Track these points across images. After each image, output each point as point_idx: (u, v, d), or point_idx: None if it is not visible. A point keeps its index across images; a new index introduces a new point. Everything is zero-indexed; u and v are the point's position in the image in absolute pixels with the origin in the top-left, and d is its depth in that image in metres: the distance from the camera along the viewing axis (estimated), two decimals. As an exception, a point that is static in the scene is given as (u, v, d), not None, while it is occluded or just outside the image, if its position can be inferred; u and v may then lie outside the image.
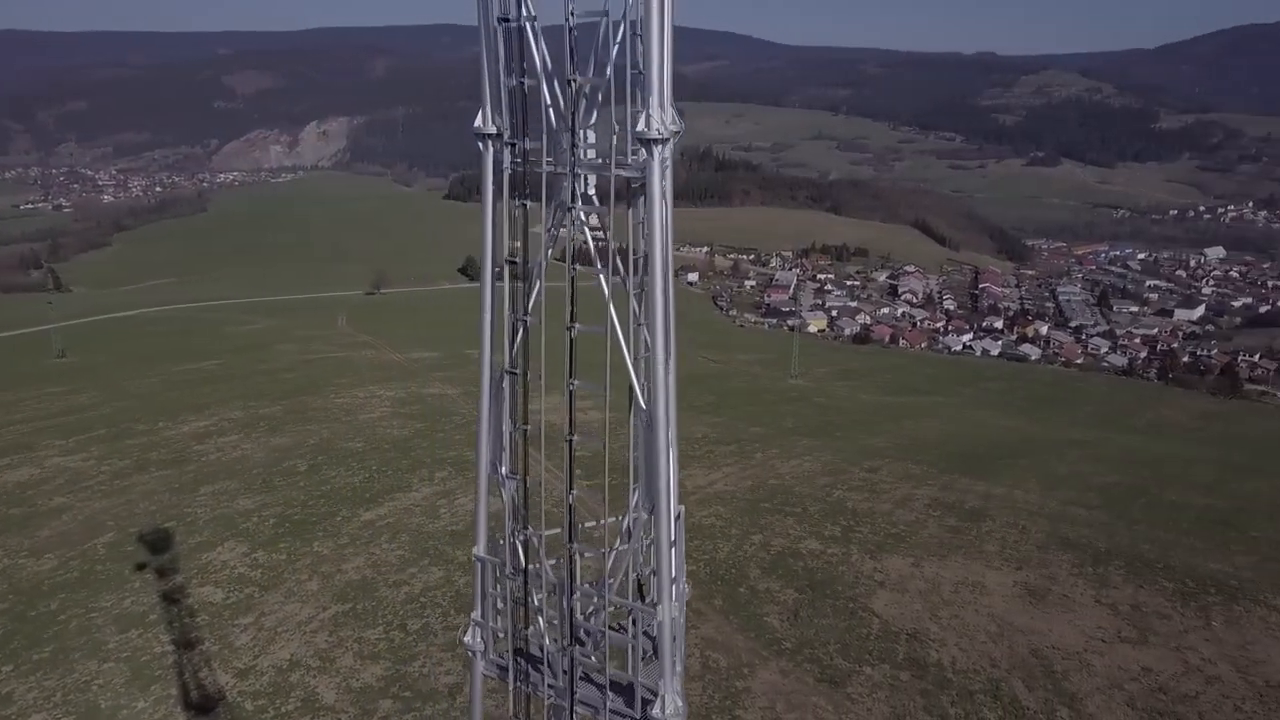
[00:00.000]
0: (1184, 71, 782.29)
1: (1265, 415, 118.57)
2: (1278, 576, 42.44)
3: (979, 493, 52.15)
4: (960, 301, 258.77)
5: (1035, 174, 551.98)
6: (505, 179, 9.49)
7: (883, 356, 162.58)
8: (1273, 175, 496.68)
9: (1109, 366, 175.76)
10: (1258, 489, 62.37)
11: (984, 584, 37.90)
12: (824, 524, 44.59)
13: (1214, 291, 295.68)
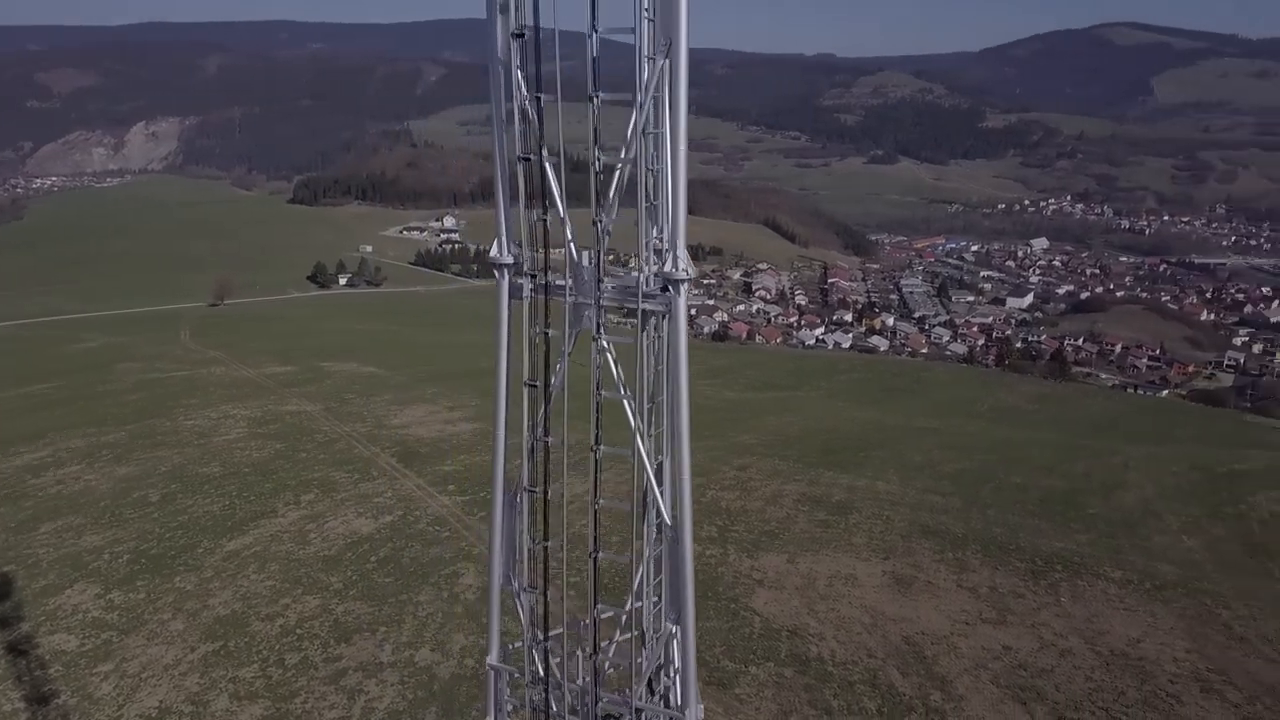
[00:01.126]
0: (1006, 73, 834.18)
1: (1091, 396, 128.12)
2: (1113, 551, 46.07)
3: (844, 485, 54.28)
4: (812, 297, 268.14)
5: (876, 171, 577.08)
6: (525, 306, 9.97)
7: (742, 353, 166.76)
8: (1087, 171, 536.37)
9: (951, 355, 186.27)
10: (1090, 468, 67.32)
11: (855, 576, 39.54)
12: (700, 525, 45.41)
13: (1040, 280, 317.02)
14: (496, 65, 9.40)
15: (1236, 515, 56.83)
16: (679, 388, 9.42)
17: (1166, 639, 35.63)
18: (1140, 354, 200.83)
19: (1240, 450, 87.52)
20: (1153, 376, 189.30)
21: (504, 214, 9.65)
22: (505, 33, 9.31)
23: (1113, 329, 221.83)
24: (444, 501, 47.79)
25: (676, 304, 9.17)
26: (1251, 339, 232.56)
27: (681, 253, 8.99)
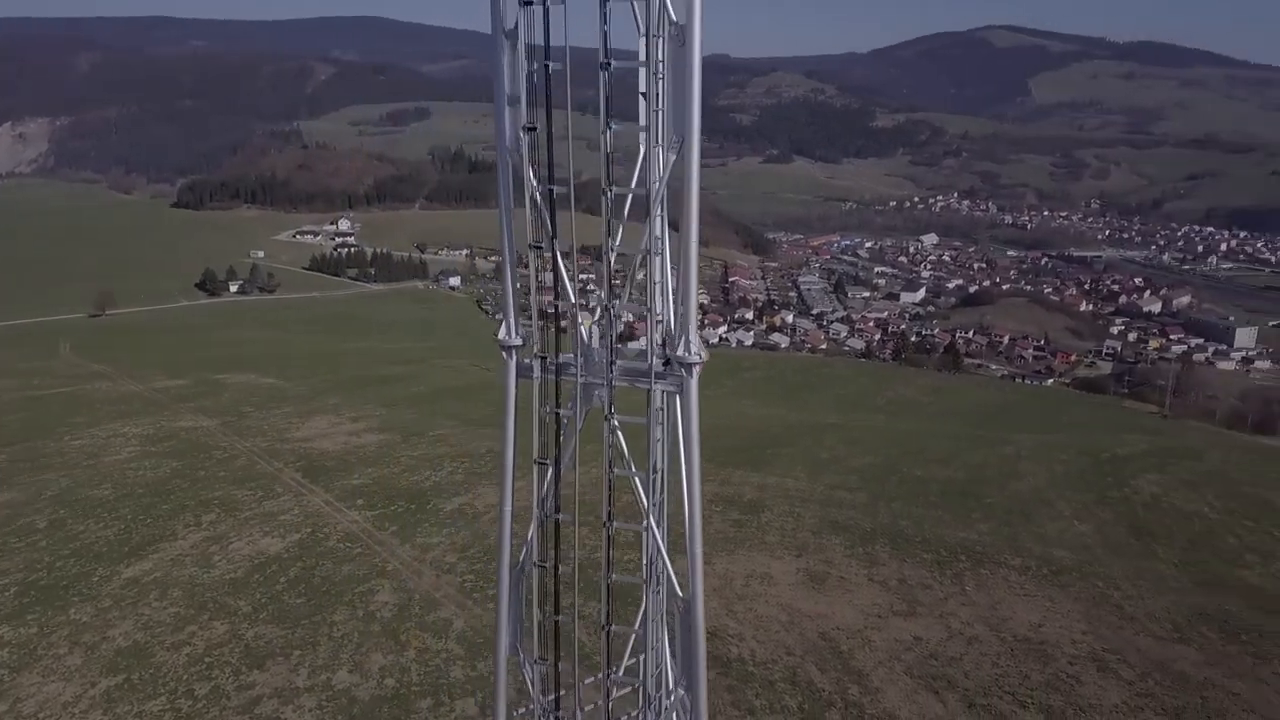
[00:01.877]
0: (893, 74, 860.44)
1: (982, 386, 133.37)
2: (1011, 539, 48.09)
3: (754, 484, 55.22)
4: (714, 295, 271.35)
5: (772, 170, 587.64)
6: (535, 387, 10.15)
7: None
8: (972, 168, 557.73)
9: (850, 350, 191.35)
10: (985, 459, 70.12)
11: (770, 574, 40.28)
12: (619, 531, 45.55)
13: (931, 275, 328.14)
14: (505, 154, 9.51)
15: (1121, 499, 60.01)
16: (691, 465, 9.76)
17: (1065, 622, 37.40)
18: (1026, 345, 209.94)
19: (1120, 435, 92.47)
20: (1038, 366, 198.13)
21: (511, 297, 9.80)
22: (515, 125, 9.45)
23: (1000, 321, 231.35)
24: (353, 517, 46.76)
25: (688, 385, 9.47)
26: (1127, 328, 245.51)
27: (693, 336, 9.29)
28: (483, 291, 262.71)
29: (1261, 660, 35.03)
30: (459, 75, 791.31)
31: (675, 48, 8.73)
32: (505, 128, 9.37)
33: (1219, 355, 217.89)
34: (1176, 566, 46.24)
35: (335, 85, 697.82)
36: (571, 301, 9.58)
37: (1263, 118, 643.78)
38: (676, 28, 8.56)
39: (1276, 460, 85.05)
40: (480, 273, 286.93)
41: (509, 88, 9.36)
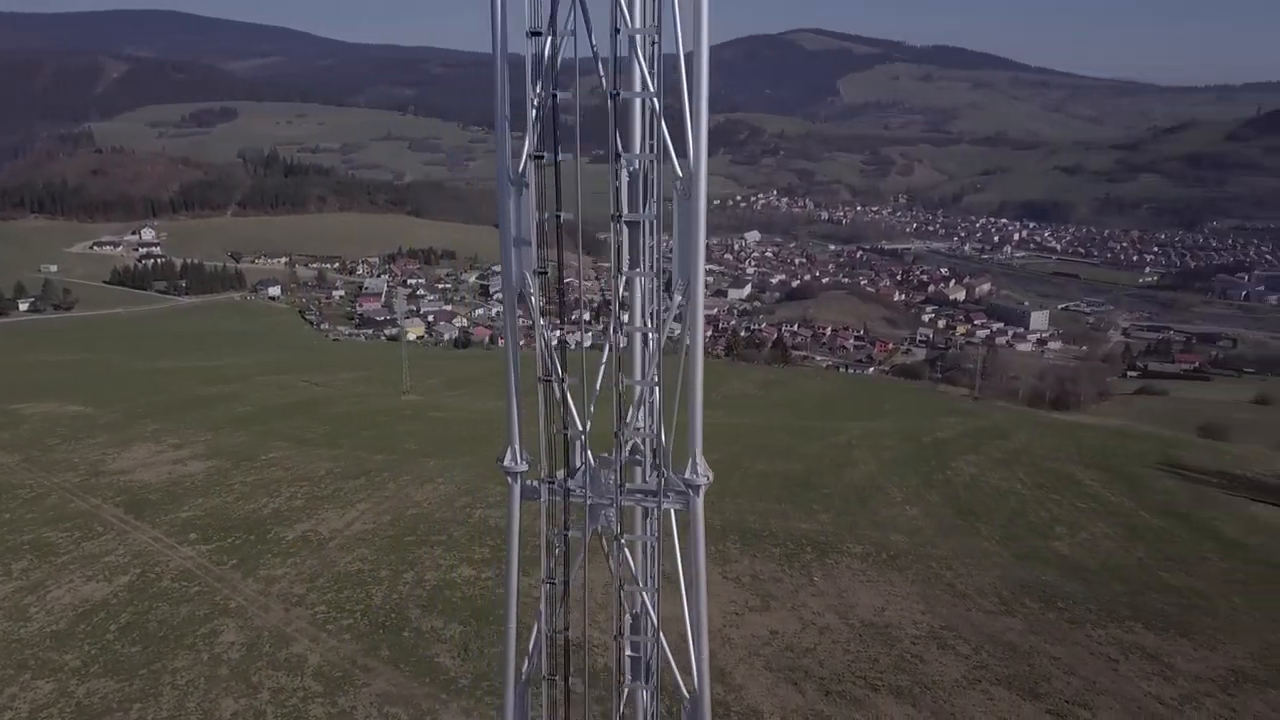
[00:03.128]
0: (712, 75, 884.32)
1: (810, 378, 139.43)
2: (851, 527, 50.72)
3: (606, 490, 55.76)
4: (549, 297, 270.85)
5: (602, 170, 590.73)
6: (543, 510, 10.52)
7: (487, 359, 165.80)
8: (789, 166, 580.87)
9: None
10: (820, 449, 73.59)
11: (629, 581, 40.82)
12: (472, 548, 45.00)
13: (756, 271, 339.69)
14: (511, 289, 9.91)
15: (944, 481, 64.38)
16: (698, 578, 10.42)
17: (905, 604, 39.80)
18: (847, 335, 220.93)
19: (938, 418, 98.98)
20: (859, 355, 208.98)
21: (515, 423, 10.06)
22: (522, 266, 9.87)
23: (822, 314, 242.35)
24: (187, 553, 44.08)
25: (695, 505, 9.99)
26: (936, 315, 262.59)
27: (699, 457, 9.74)
28: (305, 300, 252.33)
29: (1076, 625, 38.46)
30: (267, 73, 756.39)
31: (682, 200, 9.26)
32: (513, 268, 9.69)
33: (1017, 338, 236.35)
34: (998, 542, 50.08)
35: (130, 84, 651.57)
36: (580, 430, 9.70)
37: (1044, 117, 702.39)
38: (683, 182, 9.10)
39: (1072, 435, 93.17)
40: (301, 281, 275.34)
41: (516, 229, 9.64)
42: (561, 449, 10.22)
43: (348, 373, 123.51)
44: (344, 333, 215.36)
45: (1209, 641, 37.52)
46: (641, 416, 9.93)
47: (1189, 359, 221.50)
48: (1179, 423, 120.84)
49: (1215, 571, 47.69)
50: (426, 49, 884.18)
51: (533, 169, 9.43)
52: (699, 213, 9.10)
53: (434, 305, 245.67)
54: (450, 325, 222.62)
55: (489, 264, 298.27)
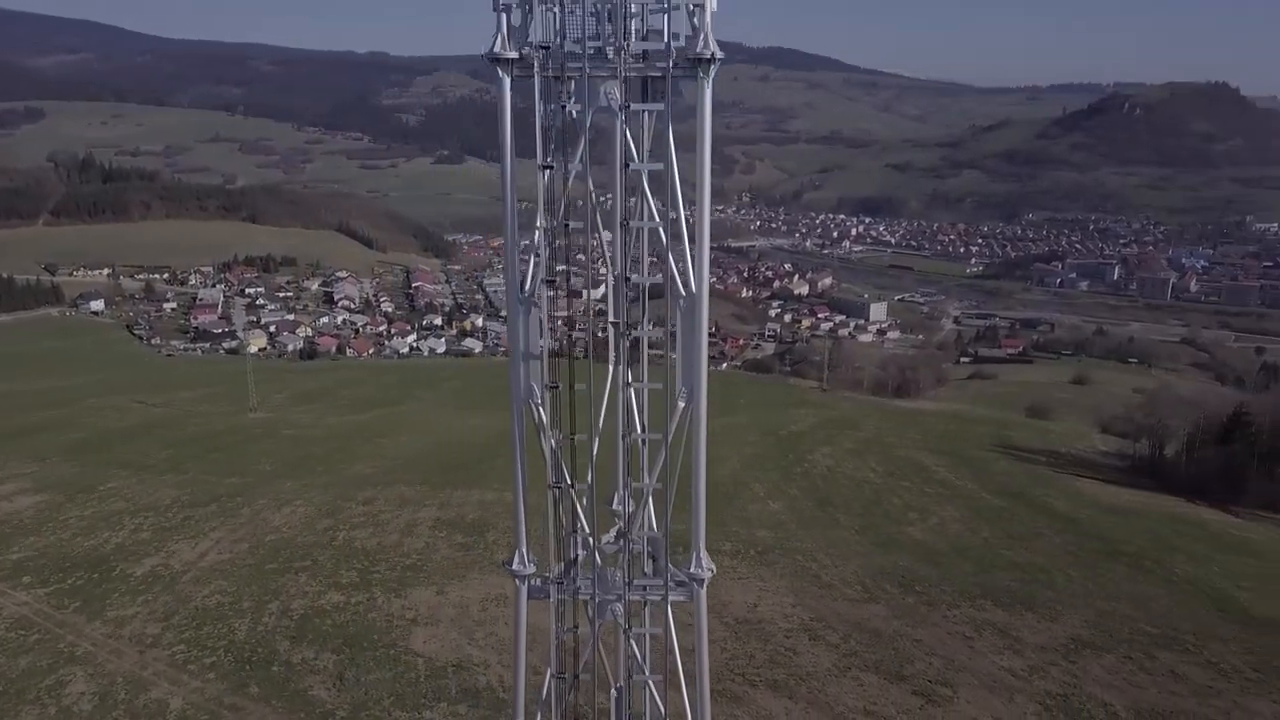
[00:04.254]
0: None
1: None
2: (721, 525, 51.72)
3: (475, 502, 55.10)
4: (398, 303, 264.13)
5: (444, 171, 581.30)
6: (552, 609, 10.69)
7: (336, 370, 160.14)
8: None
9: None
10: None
11: (506, 595, 40.39)
12: (339, 572, 43.66)
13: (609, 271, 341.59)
14: (519, 404, 10.08)
15: (803, 474, 66.86)
16: (701, 666, 10.97)
17: (776, 599, 41.18)
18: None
19: (791, 411, 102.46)
20: (713, 352, 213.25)
21: (522, 527, 10.44)
22: (528, 380, 10.19)
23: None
24: (21, 599, 40.89)
25: (699, 596, 10.55)
26: (782, 310, 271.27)
27: (703, 553, 10.28)
28: (133, 314, 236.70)
29: (933, 607, 40.79)
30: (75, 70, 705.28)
31: (685, 318, 9.68)
32: (521, 381, 9.90)
33: (859, 330, 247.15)
34: (857, 531, 52.46)
35: None
36: (588, 532, 9.74)
37: (875, 116, 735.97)
38: (686, 301, 9.50)
39: (916, 422, 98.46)
40: (128, 293, 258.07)
41: (524, 344, 9.92)
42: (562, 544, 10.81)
43: (187, 391, 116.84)
44: (179, 348, 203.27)
45: (1051, 613, 40.55)
46: (645, 517, 10.58)
47: (1013, 344, 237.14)
48: (1008, 405, 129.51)
49: (1051, 546, 51.54)
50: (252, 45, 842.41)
51: (545, 291, 10.06)
52: (702, 329, 9.62)
53: (276, 315, 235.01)
54: (294, 336, 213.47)
55: (331, 269, 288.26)
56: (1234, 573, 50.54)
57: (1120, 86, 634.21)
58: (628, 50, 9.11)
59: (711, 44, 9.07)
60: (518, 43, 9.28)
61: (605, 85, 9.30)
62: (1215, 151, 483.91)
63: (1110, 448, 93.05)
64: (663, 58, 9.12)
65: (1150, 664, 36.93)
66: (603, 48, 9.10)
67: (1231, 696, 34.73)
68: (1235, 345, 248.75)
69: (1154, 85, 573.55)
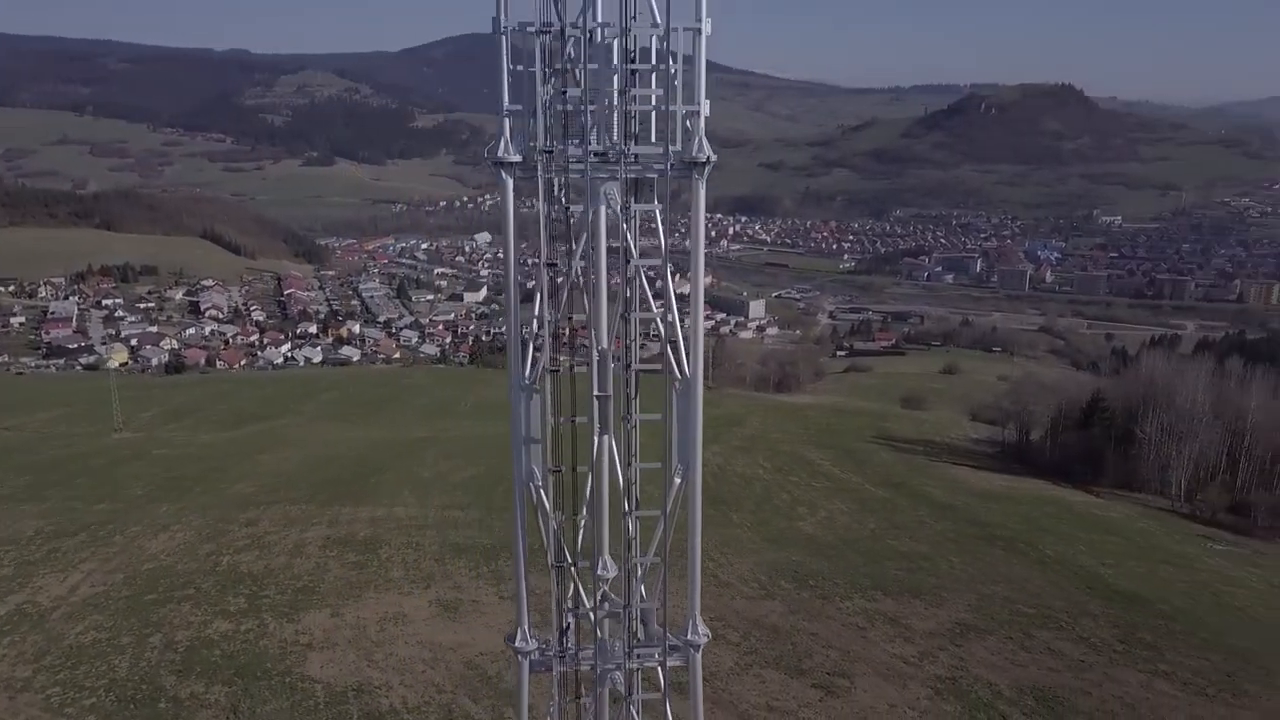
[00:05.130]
0: (426, 74, 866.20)
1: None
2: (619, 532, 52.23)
3: (365, 519, 53.76)
4: (269, 311, 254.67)
5: (313, 173, 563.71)
6: (555, 678, 10.91)
7: (206, 384, 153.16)
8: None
9: (425, 356, 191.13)
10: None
11: (404, 613, 39.73)
12: (225, 599, 41.90)
13: (490, 273, 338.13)
14: (521, 488, 10.19)
15: (695, 474, 67.78)
16: None
17: (674, 600, 41.61)
18: (586, 334, 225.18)
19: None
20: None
21: (524, 607, 10.65)
22: (529, 463, 10.33)
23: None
24: None
25: (695, 661, 10.75)
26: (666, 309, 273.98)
27: (698, 619, 10.57)
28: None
29: (827, 600, 42.07)
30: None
31: (681, 400, 10.02)
32: (523, 466, 10.12)
33: (740, 326, 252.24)
34: (750, 529, 53.58)
35: None
36: (589, 607, 9.72)
37: (748, 116, 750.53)
38: (682, 384, 9.86)
39: (798, 416, 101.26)
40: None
41: (525, 430, 10.04)
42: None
43: (44, 411, 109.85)
44: (29, 365, 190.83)
45: (936, 599, 42.39)
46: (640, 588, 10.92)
47: (886, 337, 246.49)
48: (884, 396, 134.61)
49: (933, 534, 53.86)
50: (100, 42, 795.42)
51: (549, 380, 10.31)
52: (697, 410, 10.00)
53: (137, 327, 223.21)
54: (159, 349, 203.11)
55: (196, 277, 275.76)
56: (1098, 550, 53.96)
57: (976, 88, 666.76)
58: (628, 155, 9.64)
59: (706, 147, 9.59)
60: (520, 146, 9.59)
61: (605, 186, 9.70)
62: (1065, 149, 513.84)
63: (980, 435, 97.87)
64: (660, 160, 9.65)
65: (1029, 642, 39.07)
66: (604, 151, 9.60)
67: (1102, 669, 37.10)
68: (1088, 332, 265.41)
69: (1007, 86, 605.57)
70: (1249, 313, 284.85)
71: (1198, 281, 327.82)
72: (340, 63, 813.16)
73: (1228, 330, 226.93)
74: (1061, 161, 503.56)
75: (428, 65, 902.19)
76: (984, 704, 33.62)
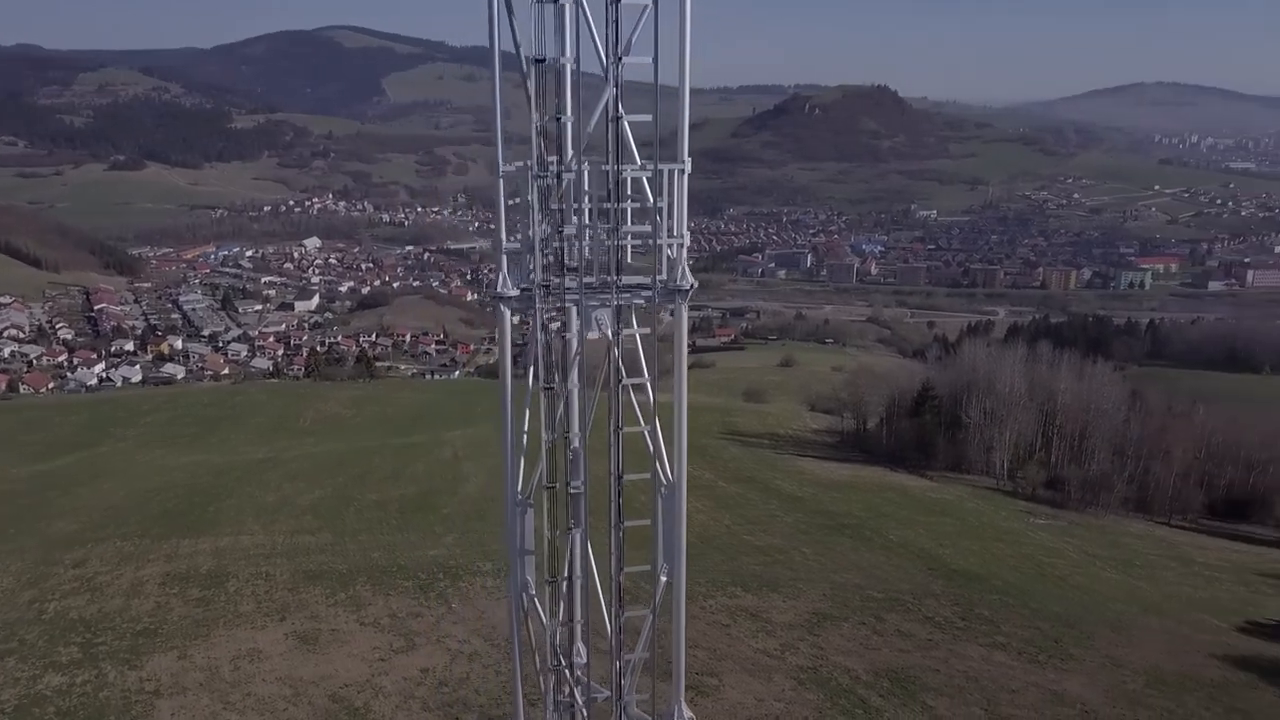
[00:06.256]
0: (244, 72, 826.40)
1: (400, 389, 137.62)
2: (478, 544, 51.60)
3: (208, 551, 50.96)
4: (79, 329, 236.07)
5: (121, 179, 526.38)
6: None
7: (10, 412, 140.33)
8: (342, 169, 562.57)
9: (258, 371, 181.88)
10: (429, 467, 73.40)
11: (259, 649, 37.90)
12: (55, 650, 38.81)
13: (322, 280, 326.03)
14: (516, 598, 10.63)
15: (552, 481, 67.76)
16: None
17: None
18: (428, 340, 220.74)
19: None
20: (444, 360, 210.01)
21: (520, 709, 11.33)
22: (524, 573, 10.89)
23: (399, 320, 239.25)
24: None
25: None
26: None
27: (683, 704, 11.45)
28: None
29: (692, 600, 42.92)
30: None
31: (665, 502, 10.70)
32: (518, 577, 10.67)
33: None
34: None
35: None
36: (582, 703, 11.13)
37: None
38: (666, 488, 10.50)
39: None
40: None
41: (521, 543, 10.80)
42: None
43: None
44: None
45: (793, 592, 44.10)
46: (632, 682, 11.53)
47: (726, 332, 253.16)
48: (728, 391, 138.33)
49: (785, 527, 55.94)
50: None
51: (546, 497, 11.03)
52: (681, 514, 10.81)
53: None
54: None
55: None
56: (936, 533, 57.49)
57: (800, 89, 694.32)
58: (618, 284, 10.48)
59: (688, 275, 10.52)
60: (517, 281, 10.33)
61: (596, 313, 10.61)
62: (883, 147, 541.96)
63: (820, 425, 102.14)
64: (647, 288, 10.55)
65: (880, 626, 41.26)
66: (594, 283, 10.41)
67: (947, 645, 39.62)
68: (911, 321, 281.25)
69: (828, 88, 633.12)
70: (1051, 298, 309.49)
71: (1006, 270, 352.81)
72: (146, 59, 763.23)
73: (1034, 315, 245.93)
74: (880, 159, 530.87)
75: (245, 63, 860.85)
76: (844, 690, 35.28)
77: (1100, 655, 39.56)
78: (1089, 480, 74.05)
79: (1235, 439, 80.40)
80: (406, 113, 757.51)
